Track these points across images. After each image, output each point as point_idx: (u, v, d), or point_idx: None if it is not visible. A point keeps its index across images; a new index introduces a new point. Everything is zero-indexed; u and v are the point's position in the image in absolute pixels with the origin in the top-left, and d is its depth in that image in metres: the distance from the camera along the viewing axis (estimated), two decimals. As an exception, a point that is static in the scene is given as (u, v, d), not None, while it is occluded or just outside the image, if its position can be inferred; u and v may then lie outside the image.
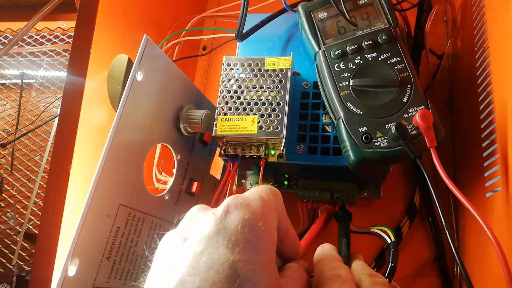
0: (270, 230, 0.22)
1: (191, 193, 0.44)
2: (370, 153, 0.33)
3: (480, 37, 0.40)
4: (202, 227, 0.21)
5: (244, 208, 0.22)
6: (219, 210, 0.22)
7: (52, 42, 0.94)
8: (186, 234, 0.22)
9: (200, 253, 0.20)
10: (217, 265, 0.19)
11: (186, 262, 0.20)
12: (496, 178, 0.33)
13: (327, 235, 0.29)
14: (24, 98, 0.97)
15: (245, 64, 0.38)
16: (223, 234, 0.20)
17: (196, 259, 0.20)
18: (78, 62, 0.38)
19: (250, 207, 0.22)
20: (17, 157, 0.92)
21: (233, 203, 0.22)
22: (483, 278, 0.35)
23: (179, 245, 0.21)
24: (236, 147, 0.37)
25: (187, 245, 0.21)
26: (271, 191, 0.24)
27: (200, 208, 0.23)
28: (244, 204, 0.22)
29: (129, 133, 0.34)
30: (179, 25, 0.59)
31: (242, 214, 0.21)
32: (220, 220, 0.21)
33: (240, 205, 0.22)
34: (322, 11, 0.39)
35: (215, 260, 0.19)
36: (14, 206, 0.87)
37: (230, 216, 0.21)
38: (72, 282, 0.29)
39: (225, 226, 0.21)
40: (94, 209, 0.30)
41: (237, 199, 0.22)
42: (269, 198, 0.24)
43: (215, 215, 0.21)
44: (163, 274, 0.21)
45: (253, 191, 0.24)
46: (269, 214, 0.23)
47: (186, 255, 0.20)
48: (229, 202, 0.22)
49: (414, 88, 0.35)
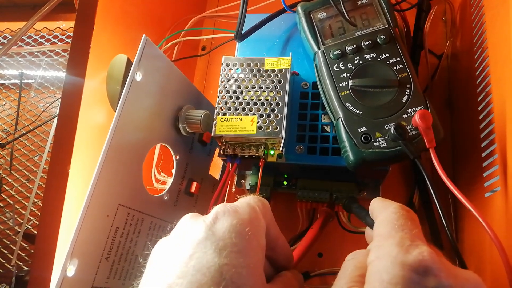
0: (258, 235, 0.23)
1: (190, 193, 0.44)
2: (369, 154, 0.33)
3: (479, 38, 0.40)
4: (192, 234, 0.22)
5: (231, 214, 0.22)
6: (208, 217, 0.23)
7: (51, 42, 0.94)
8: (177, 241, 0.23)
9: (189, 257, 0.21)
10: (204, 268, 0.20)
11: (175, 266, 0.21)
12: (495, 178, 0.33)
13: (324, 238, 0.29)
14: (23, 98, 0.97)
15: (244, 64, 0.38)
16: (211, 240, 0.21)
17: (185, 263, 0.21)
18: (77, 62, 0.38)
19: (238, 214, 0.23)
20: (16, 157, 0.92)
21: (222, 210, 0.23)
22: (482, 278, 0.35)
23: (170, 250, 0.23)
24: (235, 147, 0.37)
25: (178, 250, 0.22)
26: (258, 200, 0.25)
27: (191, 216, 0.24)
28: (232, 211, 0.23)
29: (128, 133, 0.34)
30: (178, 25, 0.59)
31: (229, 220, 0.22)
32: (209, 227, 0.22)
33: (228, 212, 0.23)
34: (322, 11, 0.39)
35: (203, 263, 0.20)
36: (13, 206, 0.87)
37: (219, 223, 0.22)
38: (71, 282, 0.29)
39: (214, 232, 0.22)
40: (93, 209, 0.30)
41: (226, 207, 0.23)
42: (257, 205, 0.24)
43: (204, 222, 0.22)
44: (154, 277, 0.22)
45: (241, 200, 0.25)
46: (256, 220, 0.23)
47: (176, 259, 0.21)
48: (217, 210, 0.23)
49: (413, 88, 0.35)
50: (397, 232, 0.22)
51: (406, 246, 0.20)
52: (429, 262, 0.19)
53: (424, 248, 0.20)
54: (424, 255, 0.20)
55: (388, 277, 0.19)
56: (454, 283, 0.19)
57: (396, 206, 0.24)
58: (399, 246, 0.20)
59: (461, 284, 0.20)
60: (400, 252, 0.20)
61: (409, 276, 0.19)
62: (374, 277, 0.20)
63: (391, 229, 0.22)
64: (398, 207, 0.24)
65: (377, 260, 0.21)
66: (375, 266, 0.20)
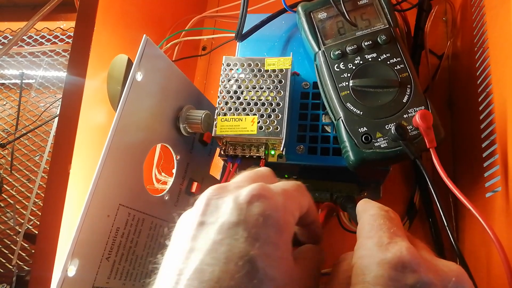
0: (290, 226, 0.22)
1: (191, 193, 0.44)
2: (370, 154, 0.33)
3: (480, 37, 0.40)
4: (222, 214, 0.21)
5: (267, 201, 0.21)
6: (241, 196, 0.21)
7: (51, 42, 0.94)
8: (203, 218, 0.21)
9: (219, 243, 0.20)
10: (236, 258, 0.19)
11: (204, 250, 0.20)
12: (496, 178, 0.33)
13: (324, 238, 0.29)
14: (24, 98, 0.97)
15: (245, 64, 0.38)
16: (243, 226, 0.20)
17: (214, 249, 0.19)
18: (78, 62, 0.38)
19: (274, 201, 0.21)
20: (16, 157, 0.92)
21: (257, 193, 0.21)
22: (482, 279, 0.35)
23: (196, 229, 0.21)
24: (235, 147, 0.37)
25: (206, 230, 0.21)
26: (297, 186, 0.24)
27: (218, 188, 0.23)
28: (269, 196, 0.21)
29: (129, 133, 0.34)
30: (179, 25, 0.59)
31: (265, 207, 0.21)
32: (241, 210, 0.21)
33: (264, 198, 0.21)
34: (322, 11, 0.39)
35: (234, 252, 0.19)
36: (13, 206, 0.87)
37: (253, 207, 0.21)
38: (72, 282, 0.29)
39: (246, 218, 0.20)
40: (94, 209, 0.30)
41: (262, 191, 0.21)
42: (292, 194, 0.23)
43: (236, 202, 0.21)
44: (180, 257, 0.20)
45: (280, 184, 0.24)
46: (291, 211, 0.22)
47: (204, 242, 0.20)
48: (253, 192, 0.21)
49: (414, 88, 0.35)
50: (376, 232, 0.22)
51: (385, 245, 0.21)
52: (407, 258, 0.20)
53: (403, 244, 0.20)
54: (401, 251, 0.20)
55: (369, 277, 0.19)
56: (434, 277, 0.20)
57: (374, 207, 0.24)
58: (378, 245, 0.21)
59: (441, 277, 0.20)
60: (379, 251, 0.20)
61: (388, 274, 0.19)
62: (357, 279, 0.20)
63: (370, 230, 0.22)
64: (376, 208, 0.24)
65: (359, 260, 0.21)
66: (358, 267, 0.21)
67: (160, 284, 0.20)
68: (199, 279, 0.19)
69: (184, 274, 0.19)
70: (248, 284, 0.18)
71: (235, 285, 0.18)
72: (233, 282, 0.18)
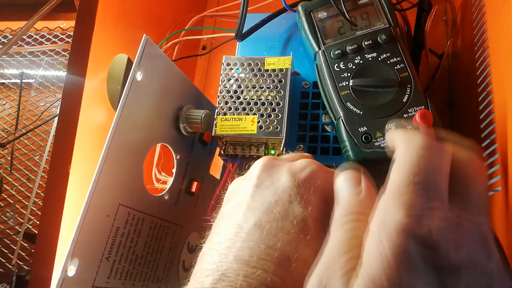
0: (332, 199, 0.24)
1: (191, 193, 0.44)
2: (370, 153, 0.33)
3: (480, 37, 0.40)
4: (276, 179, 0.24)
5: (318, 173, 0.24)
6: (295, 167, 0.24)
7: (51, 42, 0.94)
8: (259, 181, 0.24)
9: (275, 203, 0.22)
10: (291, 217, 0.22)
11: (261, 209, 0.22)
12: (496, 178, 0.33)
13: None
14: (24, 97, 0.97)
15: (244, 64, 0.38)
16: (296, 191, 0.23)
17: (270, 208, 0.22)
18: (78, 61, 0.38)
19: (323, 174, 0.24)
20: (16, 157, 0.92)
21: (309, 165, 0.24)
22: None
23: (253, 190, 0.23)
24: (235, 147, 0.37)
25: (261, 191, 0.23)
26: None
27: (272, 159, 0.25)
28: (319, 169, 0.24)
29: (128, 133, 0.34)
30: (179, 25, 0.58)
31: (316, 177, 0.24)
32: (295, 177, 0.23)
33: (315, 170, 0.24)
34: (322, 11, 0.39)
35: (289, 212, 0.22)
36: (13, 206, 0.87)
37: (305, 177, 0.23)
38: (72, 282, 0.29)
39: (299, 184, 0.23)
40: (94, 209, 0.30)
41: (313, 164, 0.24)
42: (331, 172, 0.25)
43: (290, 171, 0.24)
44: (238, 214, 0.23)
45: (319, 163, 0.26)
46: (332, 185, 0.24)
47: (261, 202, 0.23)
48: (306, 164, 0.24)
49: (414, 88, 0.35)
50: (411, 190, 0.17)
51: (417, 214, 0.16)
52: (440, 237, 0.16)
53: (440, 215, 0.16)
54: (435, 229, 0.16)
55: (389, 251, 0.16)
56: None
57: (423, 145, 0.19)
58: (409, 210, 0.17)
59: None
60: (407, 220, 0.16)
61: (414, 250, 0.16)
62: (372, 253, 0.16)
63: (404, 183, 0.18)
64: (426, 146, 0.19)
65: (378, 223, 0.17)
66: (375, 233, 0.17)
67: (219, 237, 0.22)
68: (258, 233, 0.21)
69: (243, 228, 0.22)
70: (303, 240, 0.21)
71: (292, 239, 0.21)
72: (290, 237, 0.21)
